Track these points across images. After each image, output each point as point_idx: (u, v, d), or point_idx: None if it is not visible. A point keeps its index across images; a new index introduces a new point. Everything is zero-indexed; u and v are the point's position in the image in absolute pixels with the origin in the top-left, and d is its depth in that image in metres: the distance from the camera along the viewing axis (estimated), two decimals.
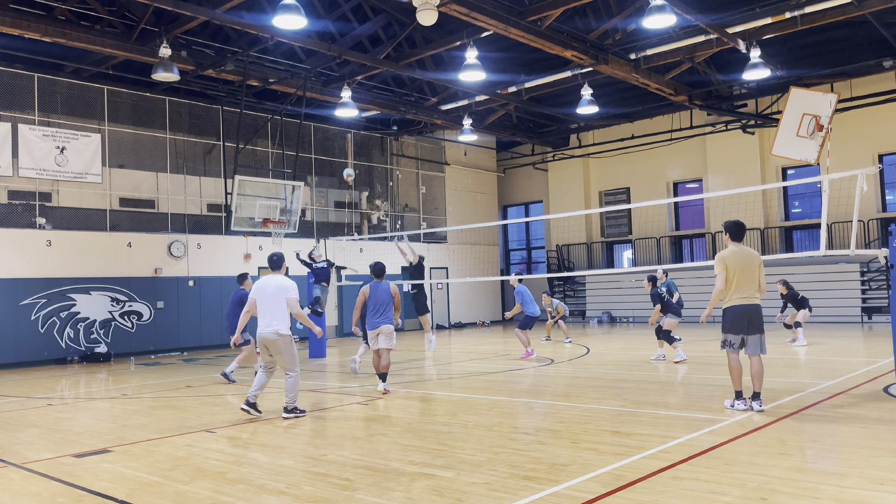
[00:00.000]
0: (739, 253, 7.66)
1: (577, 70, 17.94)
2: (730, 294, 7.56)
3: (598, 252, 26.94)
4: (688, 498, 4.66)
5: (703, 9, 15.23)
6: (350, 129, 23.45)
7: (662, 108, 23.40)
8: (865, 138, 20.68)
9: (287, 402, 8.17)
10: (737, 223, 7.92)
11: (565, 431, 6.90)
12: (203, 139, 20.22)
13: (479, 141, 25.36)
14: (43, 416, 9.00)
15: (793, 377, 10.06)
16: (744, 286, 7.52)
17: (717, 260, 7.66)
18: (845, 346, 14.15)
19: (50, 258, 16.52)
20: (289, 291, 8.06)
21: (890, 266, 8.60)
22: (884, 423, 6.73)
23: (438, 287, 25.59)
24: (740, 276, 7.51)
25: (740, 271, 7.52)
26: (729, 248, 7.76)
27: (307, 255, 15.38)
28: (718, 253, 7.80)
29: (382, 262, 10.24)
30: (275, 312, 8.00)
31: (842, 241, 19.73)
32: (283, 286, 8.08)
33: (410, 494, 4.98)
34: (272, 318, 8.00)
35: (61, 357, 16.44)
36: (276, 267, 8.32)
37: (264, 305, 8.06)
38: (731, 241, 7.83)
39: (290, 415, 8.14)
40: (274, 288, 8.07)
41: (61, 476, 5.83)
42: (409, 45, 17.93)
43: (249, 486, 5.39)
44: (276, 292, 8.06)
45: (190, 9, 13.74)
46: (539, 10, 14.45)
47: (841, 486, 4.82)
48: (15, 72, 16.44)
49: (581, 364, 12.80)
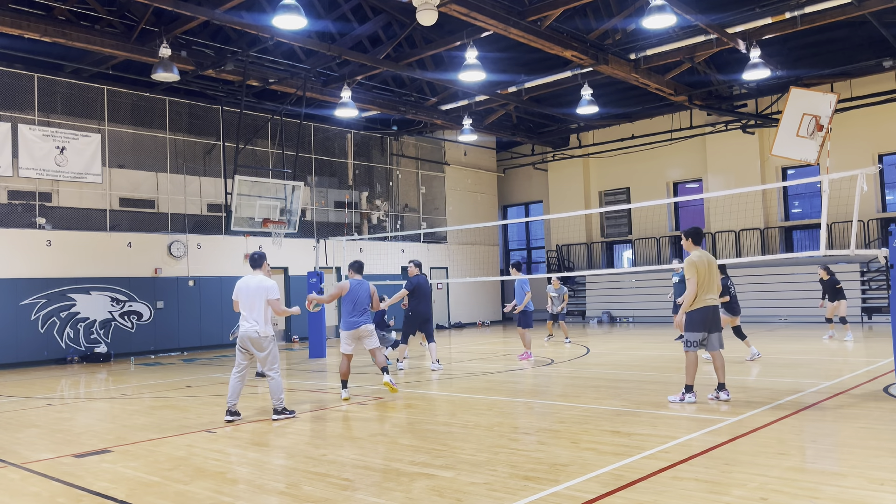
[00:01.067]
0: (704, 258, 8.16)
1: (577, 70, 17.94)
2: (699, 297, 8.05)
3: (598, 252, 26.94)
4: (688, 498, 4.66)
5: (703, 9, 15.23)
6: (350, 129, 23.45)
7: (662, 108, 23.40)
8: (865, 138, 20.68)
9: (275, 405, 8.18)
10: (697, 229, 8.50)
11: (565, 431, 6.90)
12: (203, 139, 20.22)
13: (478, 141, 25.36)
14: (43, 416, 9.00)
15: (793, 377, 10.06)
16: (709, 288, 8.07)
17: (688, 265, 8.09)
18: (845, 346, 14.15)
19: (50, 258, 16.52)
20: (269, 292, 8.08)
21: (890, 266, 8.59)
22: (884, 423, 6.73)
23: (438, 287, 25.59)
24: (707, 280, 8.06)
25: (707, 275, 8.06)
26: (696, 253, 8.20)
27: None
28: (688, 258, 8.20)
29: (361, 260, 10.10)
30: (257, 311, 8.04)
31: (842, 241, 19.73)
32: (265, 286, 8.10)
33: (410, 494, 4.98)
34: (253, 317, 8.03)
35: (61, 357, 16.44)
36: (257, 266, 8.34)
37: (245, 305, 8.09)
38: (694, 245, 8.35)
39: (280, 416, 8.15)
40: (255, 287, 8.11)
41: (61, 476, 5.83)
42: (409, 45, 17.93)
43: (249, 486, 5.39)
44: (257, 292, 8.08)
45: (190, 9, 13.74)
46: (539, 10, 14.45)
47: (841, 486, 4.82)
48: (15, 72, 16.45)
49: (581, 364, 12.80)
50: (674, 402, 8.14)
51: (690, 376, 8.13)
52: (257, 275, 8.27)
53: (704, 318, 8.04)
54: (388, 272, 23.16)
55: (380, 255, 22.89)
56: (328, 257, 18.95)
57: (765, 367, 11.42)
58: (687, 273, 8.05)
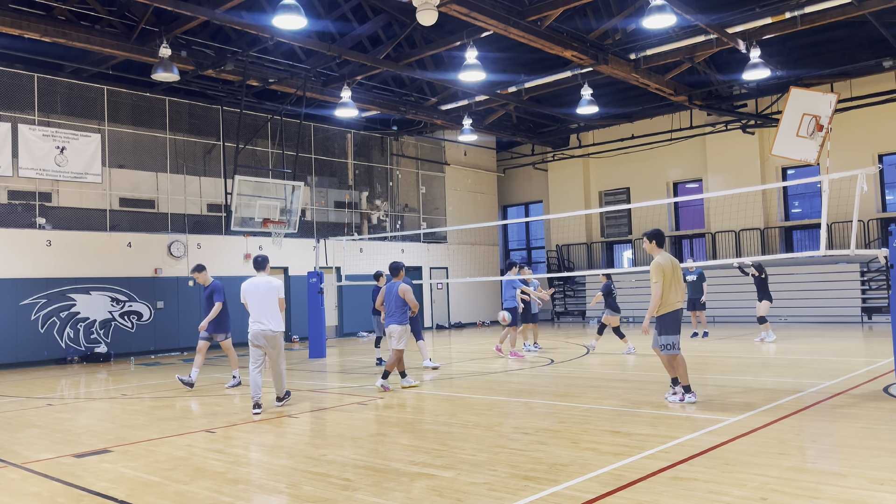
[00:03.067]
0: (669, 260, 8.10)
1: (577, 70, 17.94)
2: (667, 299, 7.99)
3: (598, 252, 26.94)
4: (688, 498, 4.66)
5: (703, 9, 15.22)
6: (350, 129, 23.45)
7: (662, 108, 23.39)
8: (865, 138, 20.67)
9: (279, 393, 9.01)
10: (659, 231, 8.33)
11: (565, 431, 6.90)
12: (203, 139, 20.22)
13: (478, 141, 25.36)
14: (43, 416, 9.00)
15: (793, 377, 10.06)
16: (677, 290, 8.05)
17: (655, 268, 7.99)
18: (845, 346, 14.15)
19: (50, 258, 16.52)
20: (280, 291, 8.72)
21: (890, 266, 8.60)
22: (884, 423, 6.73)
23: (438, 287, 25.60)
24: (674, 282, 8.02)
25: (672, 277, 8.02)
26: (660, 256, 8.11)
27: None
28: (654, 261, 8.11)
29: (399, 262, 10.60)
30: (270, 311, 8.59)
31: (842, 241, 19.73)
32: (275, 286, 8.71)
33: (410, 494, 4.98)
34: (267, 316, 8.57)
35: (61, 357, 16.44)
36: (261, 268, 8.88)
37: (257, 305, 8.59)
38: (657, 248, 8.24)
39: (283, 400, 9.02)
40: (265, 288, 8.66)
41: (61, 476, 5.83)
42: (409, 45, 17.93)
43: (249, 486, 5.39)
44: (267, 292, 8.64)
45: (190, 9, 13.74)
46: (539, 10, 14.45)
47: (841, 486, 4.82)
48: (15, 72, 16.44)
49: (581, 364, 12.79)
50: (673, 402, 8.13)
51: (684, 376, 8.14)
52: (262, 276, 8.80)
53: (677, 319, 8.05)
54: (388, 272, 23.14)
55: (380, 256, 22.88)
56: (328, 257, 18.95)
57: (765, 367, 11.43)
58: (653, 276, 7.96)
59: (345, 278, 18.36)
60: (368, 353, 16.40)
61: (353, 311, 22.56)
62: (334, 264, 19.09)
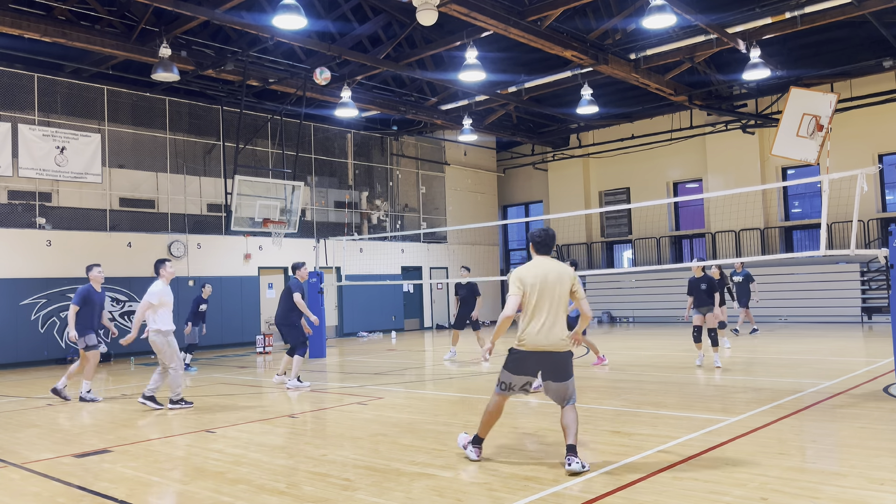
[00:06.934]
0: (543, 272, 5.99)
1: (577, 70, 17.94)
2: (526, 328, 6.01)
3: (598, 252, 26.94)
4: (688, 498, 4.66)
5: (703, 9, 15.22)
6: (350, 129, 23.44)
7: (662, 108, 23.40)
8: (865, 138, 20.67)
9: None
10: (542, 233, 6.13)
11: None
12: (203, 139, 20.21)
13: (478, 141, 25.35)
14: (43, 416, 9.00)
15: (793, 377, 10.06)
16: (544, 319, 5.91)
17: (512, 278, 6.00)
18: (845, 346, 14.15)
19: (50, 258, 16.51)
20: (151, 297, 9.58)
21: (890, 266, 8.60)
22: (884, 423, 6.73)
23: (438, 287, 25.59)
24: (544, 307, 5.93)
25: (542, 298, 5.92)
26: (534, 264, 6.07)
27: None
28: (516, 269, 6.17)
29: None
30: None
31: (842, 241, 19.72)
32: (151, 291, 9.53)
33: (410, 494, 4.98)
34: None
35: (61, 357, 16.43)
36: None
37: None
38: (537, 254, 6.12)
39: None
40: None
41: (61, 476, 5.83)
42: (409, 45, 17.93)
43: (249, 486, 5.39)
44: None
45: (190, 9, 13.74)
46: (539, 10, 14.45)
47: (841, 486, 4.82)
48: (15, 72, 16.44)
49: (581, 364, 12.79)
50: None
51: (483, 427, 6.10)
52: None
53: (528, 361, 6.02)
54: (388, 272, 23.18)
55: (380, 256, 22.91)
56: (328, 257, 18.95)
57: (765, 367, 11.43)
58: (510, 286, 6.60)
59: (345, 278, 18.36)
60: (368, 353, 16.41)
61: (353, 311, 22.55)
62: (334, 264, 19.08)
